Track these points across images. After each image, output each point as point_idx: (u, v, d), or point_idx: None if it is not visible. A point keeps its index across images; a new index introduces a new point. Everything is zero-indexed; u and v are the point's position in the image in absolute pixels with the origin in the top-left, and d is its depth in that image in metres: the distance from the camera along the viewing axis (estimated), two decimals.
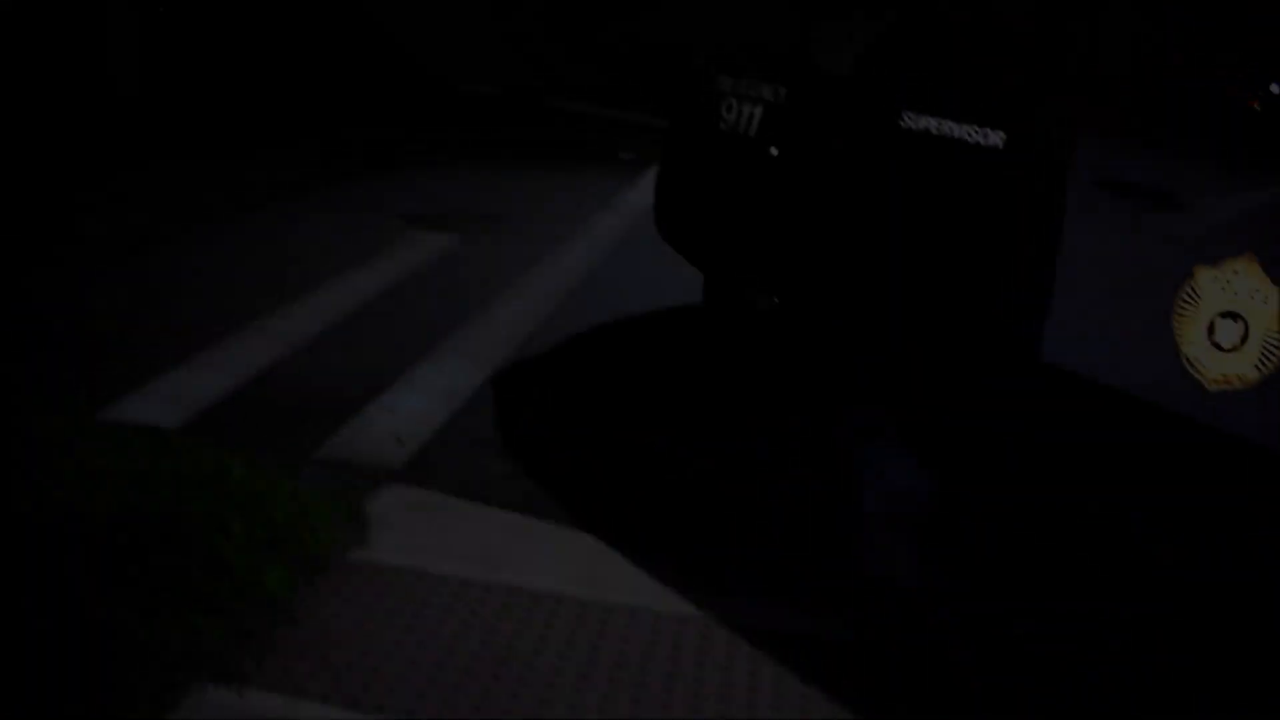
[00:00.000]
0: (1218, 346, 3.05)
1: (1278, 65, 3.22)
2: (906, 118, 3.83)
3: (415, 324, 4.89)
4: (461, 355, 4.54)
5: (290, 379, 4.18)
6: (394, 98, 13.40)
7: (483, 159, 9.46)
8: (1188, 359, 3.12)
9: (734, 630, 2.79)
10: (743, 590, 2.99)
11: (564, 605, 2.82)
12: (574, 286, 5.71)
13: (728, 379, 4.46)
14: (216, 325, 4.62)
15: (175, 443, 3.40)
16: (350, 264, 5.73)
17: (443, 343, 4.66)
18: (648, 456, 3.75)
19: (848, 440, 3.99)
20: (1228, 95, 3.31)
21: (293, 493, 3.15)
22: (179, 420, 3.71)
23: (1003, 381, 3.71)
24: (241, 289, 5.18)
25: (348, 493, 3.30)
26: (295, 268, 5.59)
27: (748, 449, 3.86)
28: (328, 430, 3.75)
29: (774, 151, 4.28)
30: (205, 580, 2.65)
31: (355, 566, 2.90)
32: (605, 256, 6.40)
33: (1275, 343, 2.92)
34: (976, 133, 3.62)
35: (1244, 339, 2.99)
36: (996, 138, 3.57)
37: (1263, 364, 2.96)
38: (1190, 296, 3.10)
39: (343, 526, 3.07)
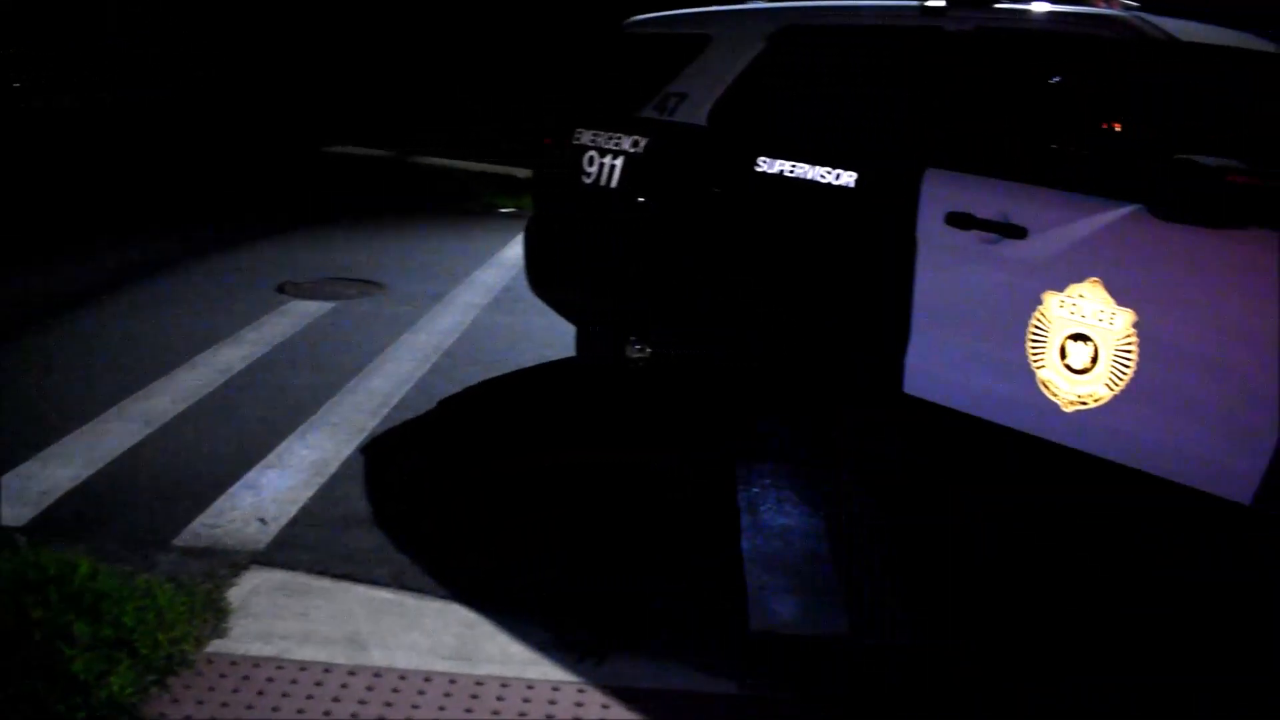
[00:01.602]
0: (1070, 369, 3.11)
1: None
2: (762, 162, 3.89)
3: (283, 397, 4.75)
4: (331, 426, 4.42)
5: (149, 464, 4.01)
6: (260, 162, 13.23)
7: (357, 221, 9.34)
8: (1043, 383, 3.18)
9: (610, 693, 2.73)
10: (622, 650, 2.93)
11: (433, 682, 2.73)
12: (450, 347, 5.62)
13: (605, 430, 4.42)
14: (72, 413, 4.43)
15: (18, 544, 3.22)
16: (217, 338, 5.57)
17: (312, 415, 4.54)
18: (523, 519, 3.68)
19: (729, 483, 3.97)
20: (1069, 123, 3.40)
21: (146, 587, 3.01)
22: (27, 518, 3.53)
23: (868, 412, 3.75)
24: (100, 372, 4.99)
25: (207, 581, 3.16)
26: (160, 345, 5.41)
27: (628, 503, 3.82)
28: (189, 515, 3.60)
29: (638, 201, 4.30)
30: (45, 691, 2.50)
31: (212, 660, 2.77)
32: (483, 314, 6.33)
33: (1124, 362, 2.99)
34: (829, 174, 3.68)
35: (1094, 360, 3.06)
36: (849, 178, 3.63)
37: (1113, 383, 3.02)
38: (1041, 322, 3.16)
39: (200, 618, 2.94)
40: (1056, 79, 3.28)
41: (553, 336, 5.67)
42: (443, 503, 3.79)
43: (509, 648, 2.91)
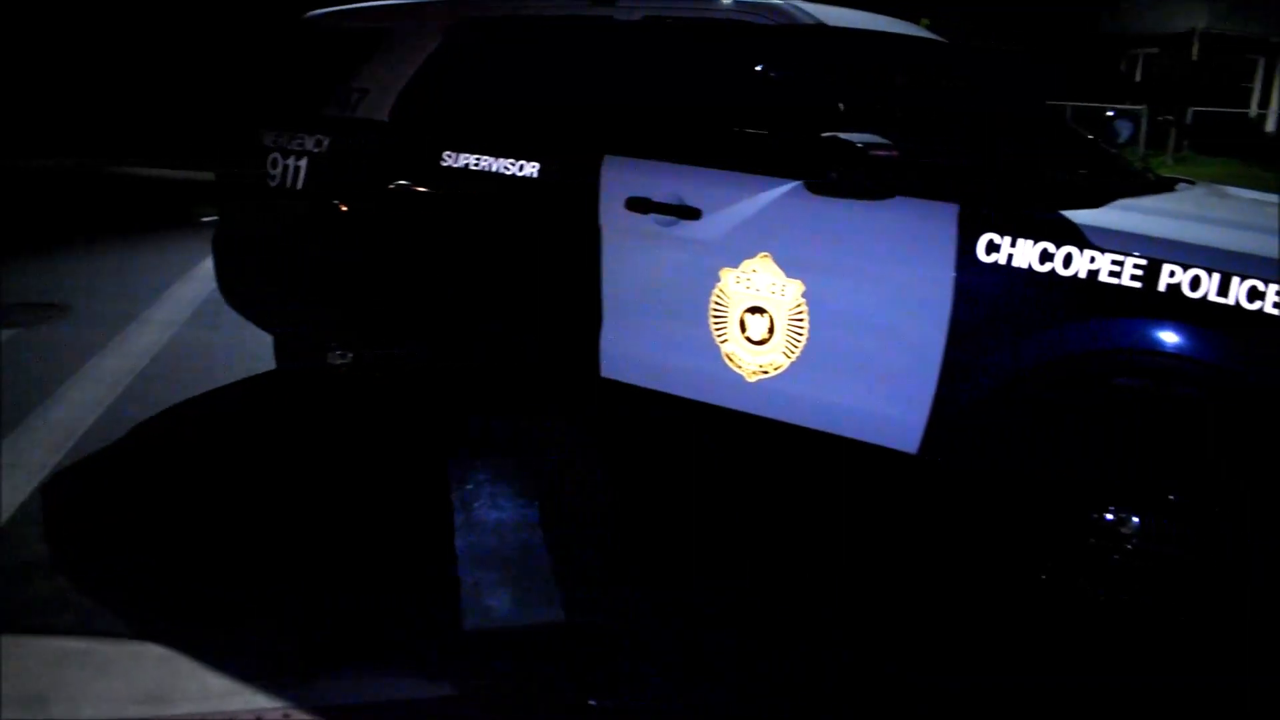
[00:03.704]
0: (751, 340, 3.26)
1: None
2: (447, 156, 3.85)
3: None
4: (6, 467, 4.05)
5: None
6: None
7: (41, 239, 8.66)
8: (727, 356, 3.31)
9: (318, 712, 2.64)
10: (332, 667, 2.84)
11: None
12: (144, 369, 5.29)
13: (310, 442, 4.28)
14: None
15: None
16: None
17: None
18: (224, 544, 3.51)
19: (442, 483, 3.94)
20: (735, 106, 3.54)
21: None
22: None
23: (568, 399, 3.80)
24: None
25: None
26: None
27: (335, 513, 3.71)
28: None
29: (325, 202, 4.18)
30: None
31: None
32: (181, 331, 6.00)
33: (797, 330, 3.16)
34: (513, 165, 3.69)
35: (771, 330, 3.21)
36: (532, 169, 3.65)
37: (789, 350, 3.19)
38: (721, 298, 3.29)
39: None
40: (760, 67, 3.39)
41: (259, 349, 5.41)
42: (135, 538, 3.56)
43: (209, 682, 2.76)
